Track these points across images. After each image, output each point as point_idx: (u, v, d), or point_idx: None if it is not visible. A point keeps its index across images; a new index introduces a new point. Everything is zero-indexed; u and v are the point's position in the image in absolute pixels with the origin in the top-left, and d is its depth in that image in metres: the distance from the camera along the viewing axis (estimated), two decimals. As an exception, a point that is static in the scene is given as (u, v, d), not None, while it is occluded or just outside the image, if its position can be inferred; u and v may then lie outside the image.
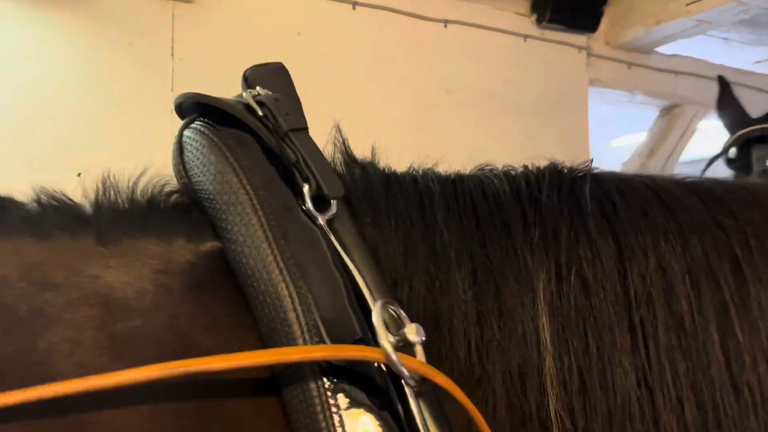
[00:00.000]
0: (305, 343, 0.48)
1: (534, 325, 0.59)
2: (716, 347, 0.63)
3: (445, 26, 2.67)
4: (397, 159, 0.69)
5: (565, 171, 0.69)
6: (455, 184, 0.65)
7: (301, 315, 0.48)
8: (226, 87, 2.28)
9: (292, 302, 0.49)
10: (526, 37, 2.91)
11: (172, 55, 2.08)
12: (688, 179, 0.76)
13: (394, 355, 0.44)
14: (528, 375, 0.59)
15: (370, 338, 0.49)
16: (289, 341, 0.48)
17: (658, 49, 3.45)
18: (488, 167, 0.70)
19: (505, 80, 2.80)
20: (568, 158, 0.74)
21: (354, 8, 2.44)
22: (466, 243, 0.60)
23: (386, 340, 0.44)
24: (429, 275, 0.59)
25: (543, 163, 0.73)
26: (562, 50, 3.03)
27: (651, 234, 0.65)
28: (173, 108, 0.64)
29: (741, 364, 0.64)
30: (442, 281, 0.59)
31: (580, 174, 0.69)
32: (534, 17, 2.95)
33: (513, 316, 0.59)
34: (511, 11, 2.87)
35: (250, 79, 0.64)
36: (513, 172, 0.69)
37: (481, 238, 0.61)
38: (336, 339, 0.49)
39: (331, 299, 0.51)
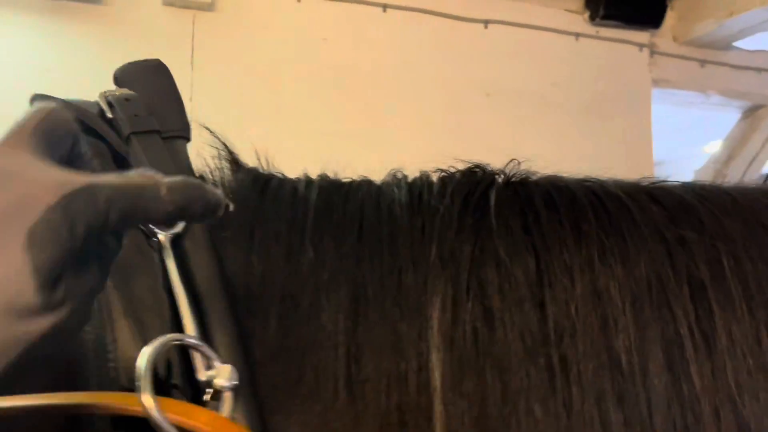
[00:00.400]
0: (98, 383, 0.42)
1: (422, 362, 0.51)
2: (663, 393, 0.52)
3: (486, 27, 2.57)
4: (432, 165, 0.64)
5: (484, 174, 0.60)
6: (348, 193, 0.58)
7: (100, 351, 0.43)
8: (247, 96, 2.28)
9: (95, 335, 0.44)
10: (577, 35, 2.76)
11: (192, 64, 2.10)
12: (657, 184, 0.65)
13: (155, 410, 0.37)
14: (410, 422, 0.51)
15: (194, 381, 0.43)
16: (82, 381, 0.43)
17: (737, 44, 3.20)
18: (399, 172, 0.62)
19: (553, 83, 2.66)
20: (627, 166, 0.66)
21: (384, 11, 2.40)
22: (343, 262, 0.53)
23: (149, 388, 0.38)
24: (291, 301, 0.52)
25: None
26: (619, 49, 2.86)
27: (583, 252, 0.55)
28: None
29: (697, 415, 0.53)
30: (308, 308, 0.51)
31: (502, 178, 0.61)
32: (587, 14, 2.80)
33: (395, 350, 0.51)
34: (560, 8, 2.74)
35: (119, 79, 0.59)
36: (425, 178, 0.61)
37: (362, 257, 0.53)
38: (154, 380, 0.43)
39: (155, 334, 0.45)
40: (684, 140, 4.31)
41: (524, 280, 0.53)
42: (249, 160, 0.66)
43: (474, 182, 0.59)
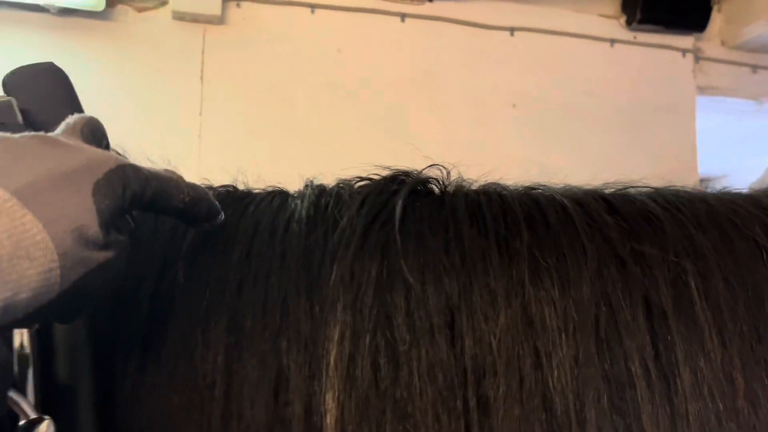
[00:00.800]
0: None
1: (313, 405, 0.45)
2: None
3: (512, 34, 2.50)
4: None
5: (411, 182, 0.54)
6: (248, 206, 0.53)
7: None
8: (259, 110, 2.25)
9: None
10: (612, 41, 2.66)
11: (202, 78, 2.10)
12: (623, 190, 0.58)
13: None
14: None
15: None
16: None
17: (794, 48, 3.03)
18: (315, 181, 0.57)
19: (585, 92, 2.56)
20: (670, 180, 0.59)
21: (403, 20, 2.36)
22: (223, 288, 0.48)
23: None
24: (159, 334, 0.47)
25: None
26: (660, 55, 2.74)
27: (513, 272, 0.48)
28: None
29: None
30: (178, 342, 0.46)
31: (435, 187, 0.55)
32: (623, 19, 2.69)
33: (280, 390, 0.45)
34: (593, 14, 2.65)
35: (6, 85, 0.56)
36: (337, 188, 0.55)
37: (246, 281, 0.48)
38: None
39: None
40: (748, 151, 4.10)
41: (437, 307, 0.46)
42: (256, 176, 0.62)
43: (391, 192, 0.53)
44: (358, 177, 0.56)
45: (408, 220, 0.50)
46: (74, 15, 2.00)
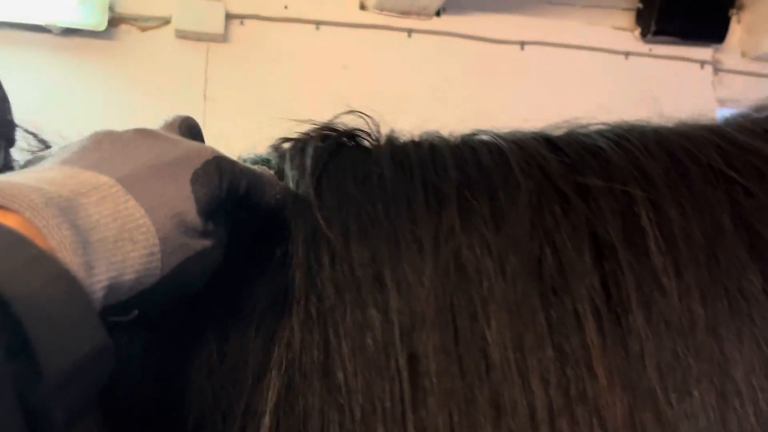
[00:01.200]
0: None
1: (251, 389, 0.43)
2: (553, 397, 0.41)
3: (522, 48, 2.50)
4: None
5: (329, 137, 0.52)
6: None
7: None
8: (263, 128, 2.25)
9: None
10: (627, 54, 2.65)
11: (205, 96, 2.13)
12: (569, 132, 0.55)
13: None
14: None
15: None
16: None
17: (819, 59, 2.99)
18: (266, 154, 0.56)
19: (599, 105, 2.52)
20: None
21: (409, 36, 2.37)
22: None
23: None
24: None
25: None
26: (677, 67, 2.72)
27: (441, 219, 0.45)
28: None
29: (603, 423, 0.41)
30: (125, 347, 0.45)
31: (367, 139, 0.53)
32: (638, 31, 2.68)
33: (227, 371, 0.43)
34: (606, 26, 2.64)
35: None
36: (266, 152, 0.54)
37: None
38: None
39: None
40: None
41: (361, 262, 0.43)
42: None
43: (307, 144, 0.51)
44: (283, 137, 0.55)
45: (330, 175, 0.48)
46: (77, 35, 2.04)
